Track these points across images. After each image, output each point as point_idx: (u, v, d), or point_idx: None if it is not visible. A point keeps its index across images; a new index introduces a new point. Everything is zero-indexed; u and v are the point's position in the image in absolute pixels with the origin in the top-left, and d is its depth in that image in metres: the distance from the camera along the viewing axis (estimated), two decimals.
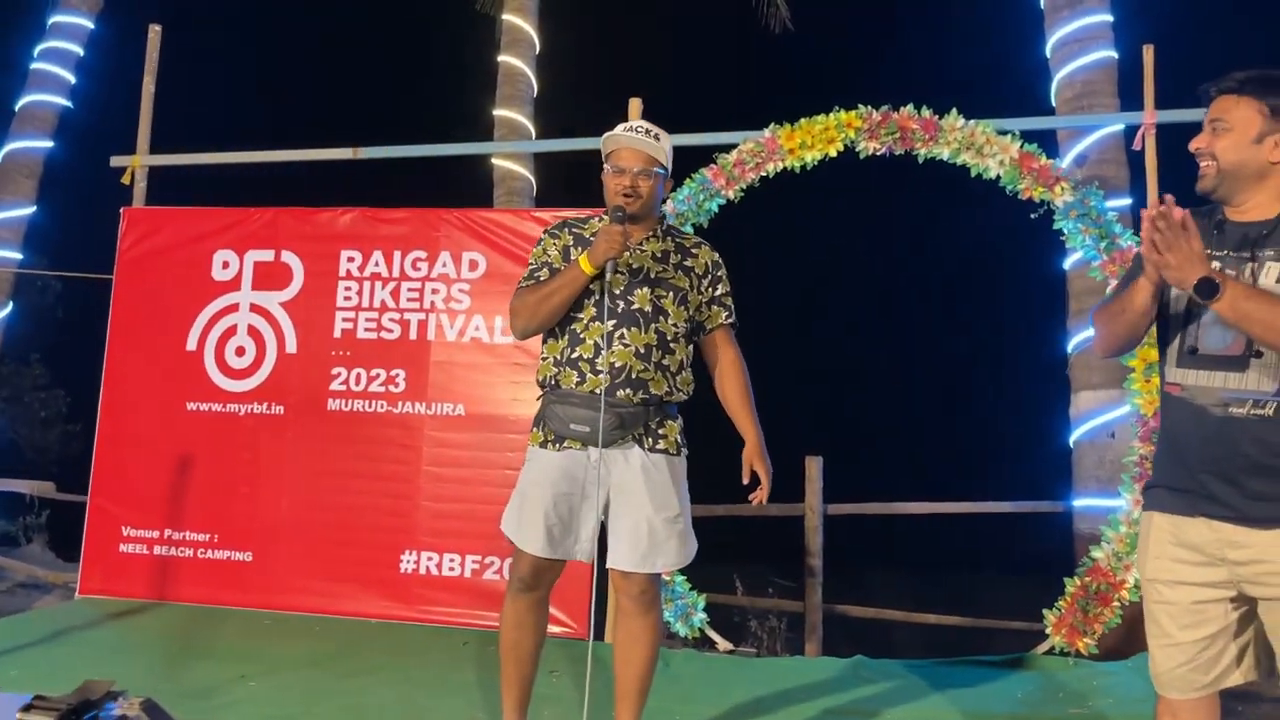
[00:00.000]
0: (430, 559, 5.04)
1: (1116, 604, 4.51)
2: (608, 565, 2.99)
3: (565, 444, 2.92)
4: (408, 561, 5.05)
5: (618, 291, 2.92)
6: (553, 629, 4.61)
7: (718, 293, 3.07)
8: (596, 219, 3.06)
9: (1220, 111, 2.31)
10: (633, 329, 2.90)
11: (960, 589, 6.23)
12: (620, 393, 2.86)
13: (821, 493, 5.96)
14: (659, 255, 2.99)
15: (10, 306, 6.97)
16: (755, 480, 2.98)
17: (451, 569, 5.01)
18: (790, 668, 4.57)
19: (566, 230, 3.07)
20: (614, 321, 2.90)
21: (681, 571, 4.91)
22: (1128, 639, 4.43)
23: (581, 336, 2.91)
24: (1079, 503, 5.32)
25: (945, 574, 6.86)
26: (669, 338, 2.94)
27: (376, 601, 5.02)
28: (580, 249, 2.94)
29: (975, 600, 6.00)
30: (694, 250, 3.07)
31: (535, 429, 3.02)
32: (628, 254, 2.93)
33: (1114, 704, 3.92)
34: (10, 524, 8.18)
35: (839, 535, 6.06)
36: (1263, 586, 2.20)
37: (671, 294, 2.96)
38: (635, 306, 2.91)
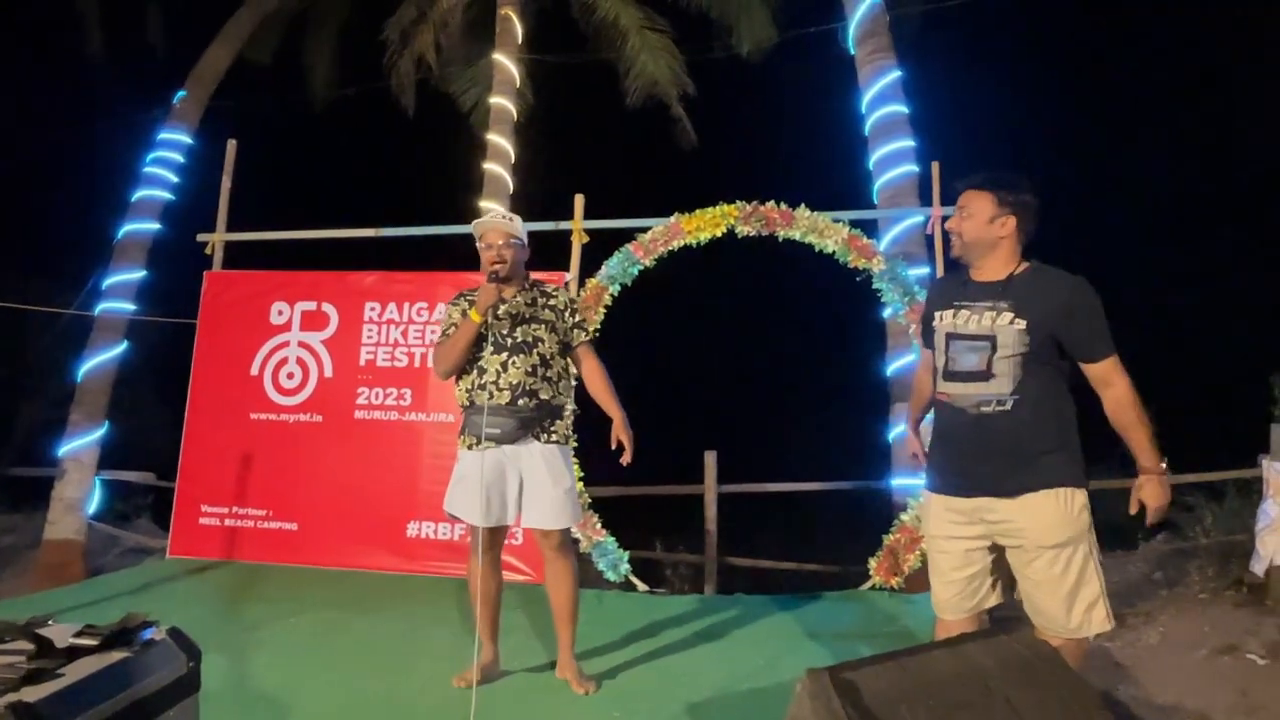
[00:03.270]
0: (429, 527, 4.97)
1: (918, 552, 4.58)
2: (527, 526, 2.98)
3: (484, 445, 2.91)
4: (412, 528, 4.98)
5: (504, 331, 2.95)
6: (517, 578, 4.59)
7: (576, 320, 3.10)
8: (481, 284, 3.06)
9: (965, 201, 2.39)
10: (520, 355, 2.93)
11: (813, 544, 6.26)
12: (519, 402, 2.90)
13: (716, 477, 5.98)
14: (529, 301, 3.03)
15: (125, 344, 6.82)
16: (621, 447, 3.00)
17: (444, 534, 4.94)
18: (690, 603, 4.56)
19: (463, 298, 3.08)
20: (506, 353, 2.93)
21: (613, 534, 4.89)
22: (923, 578, 4.49)
23: (484, 367, 2.92)
24: (895, 482, 5.38)
25: (803, 533, 6.90)
26: (547, 357, 2.98)
27: (389, 559, 4.94)
28: (471, 308, 2.94)
29: (824, 552, 6.02)
30: (554, 294, 3.12)
31: (461, 436, 3.01)
32: (505, 304, 2.96)
33: (915, 623, 3.98)
34: (124, 504, 7.90)
35: (730, 507, 6.07)
36: (1009, 539, 2.26)
37: (543, 326, 3.00)
38: (519, 339, 2.95)
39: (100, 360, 6.59)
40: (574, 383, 3.15)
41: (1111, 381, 2.23)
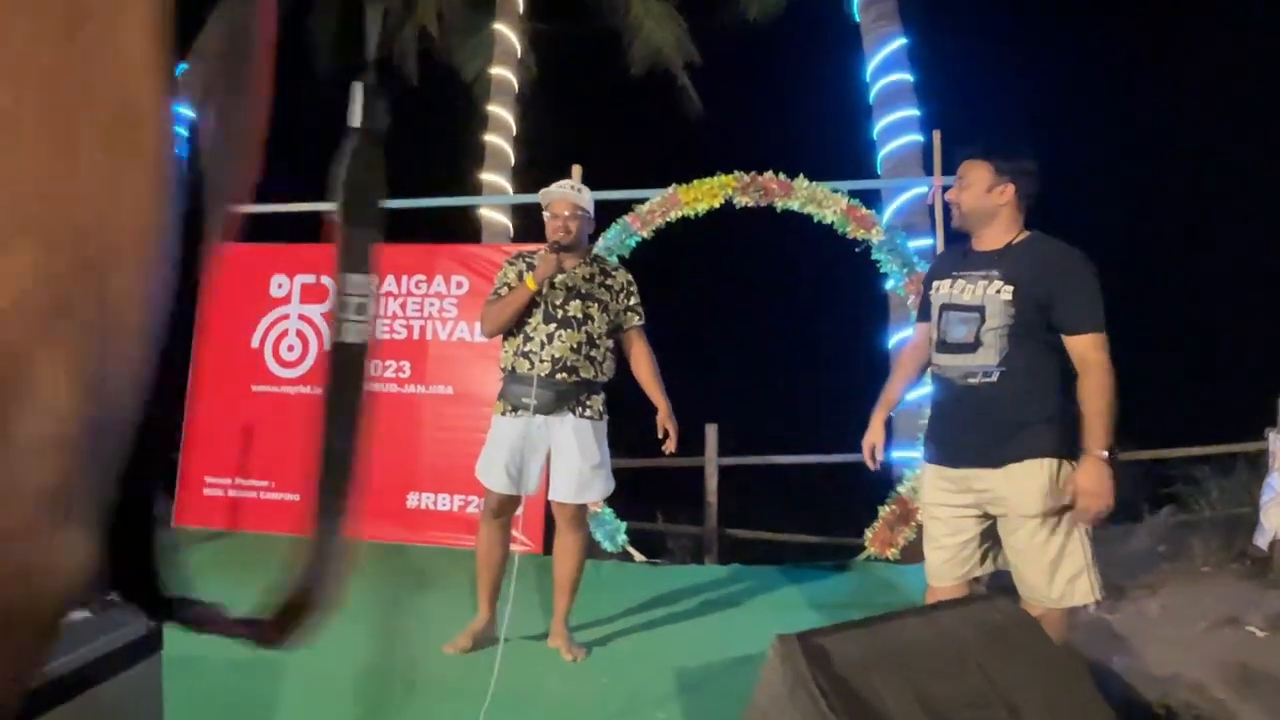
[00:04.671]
0: (429, 498, 5.00)
1: (914, 524, 4.57)
2: (549, 497, 3.00)
3: (518, 413, 2.92)
4: (413, 499, 5.01)
5: (557, 303, 2.94)
6: (518, 548, 4.62)
7: (631, 303, 3.08)
8: (542, 251, 3.06)
9: (963, 171, 2.37)
10: (567, 330, 2.91)
11: (812, 516, 6.26)
12: (559, 376, 2.90)
13: (716, 450, 5.99)
14: (587, 277, 3.01)
15: None
16: (666, 435, 3.01)
17: (444, 505, 4.98)
18: (688, 573, 4.58)
19: (521, 260, 3.07)
20: (554, 324, 2.92)
21: (611, 505, 4.91)
22: (919, 550, 4.47)
23: (530, 335, 2.92)
24: (895, 454, 5.37)
25: (803, 505, 6.90)
26: (594, 336, 2.96)
27: (390, 529, 4.96)
28: (529, 273, 2.94)
29: (823, 524, 6.03)
30: (613, 273, 3.10)
31: (498, 402, 3.02)
32: (563, 275, 2.94)
33: (909, 592, 3.98)
34: None
35: (731, 479, 6.08)
36: (997, 507, 2.25)
37: (596, 305, 2.97)
38: (569, 314, 2.93)
39: None
40: (614, 365, 3.08)
41: (1089, 361, 2.16)
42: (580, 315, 2.94)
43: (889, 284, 5.14)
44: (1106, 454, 2.10)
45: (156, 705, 1.17)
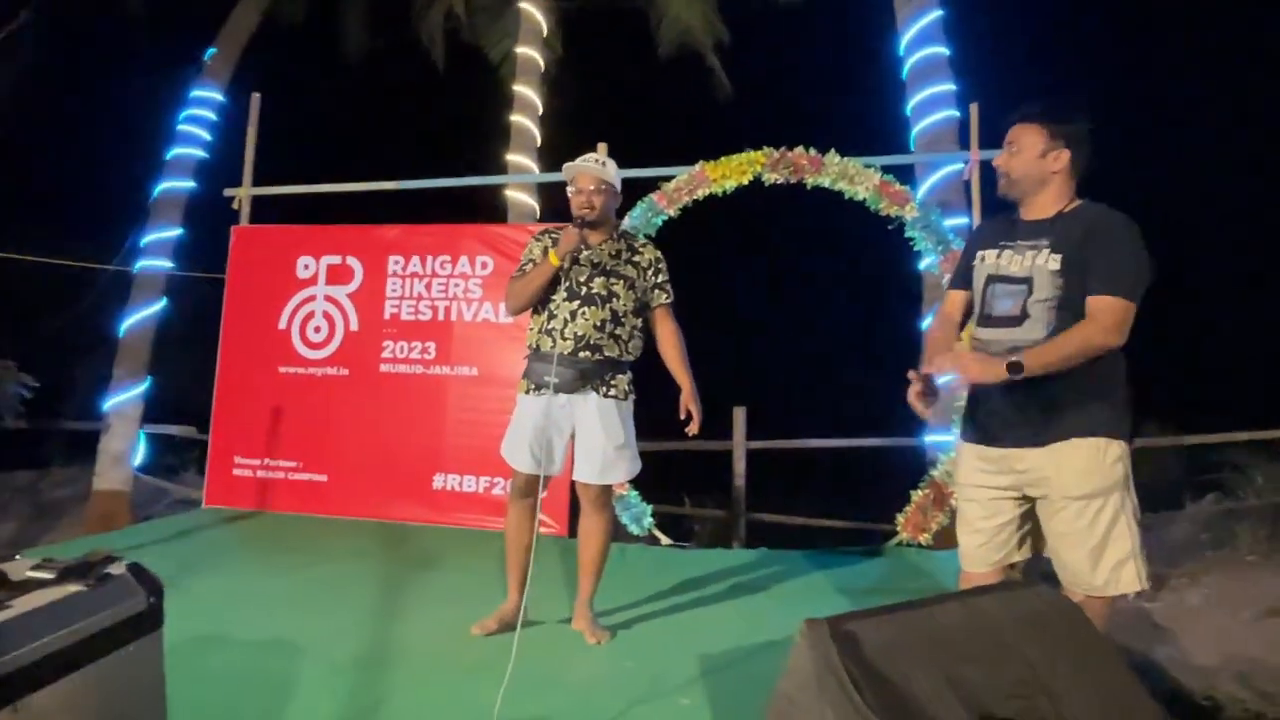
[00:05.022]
0: (455, 479, 4.99)
1: (947, 508, 4.46)
2: (573, 478, 2.95)
3: (542, 392, 2.87)
4: (438, 481, 5.00)
5: (581, 279, 2.87)
6: (543, 530, 4.58)
7: (659, 280, 3.00)
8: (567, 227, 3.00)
9: (1015, 136, 2.24)
10: (591, 307, 2.85)
11: (842, 501, 6.17)
12: (582, 354, 2.83)
13: (745, 433, 5.93)
14: (613, 253, 2.94)
15: (164, 301, 6.94)
16: (689, 417, 2.94)
17: (470, 487, 4.96)
18: (715, 557, 4.52)
19: (546, 236, 3.00)
20: (578, 301, 2.86)
21: (637, 488, 4.86)
22: (951, 535, 4.37)
23: (554, 313, 2.86)
24: (928, 438, 5.25)
25: (833, 489, 6.80)
26: (620, 314, 2.89)
27: (416, 510, 4.97)
28: (553, 248, 2.87)
29: (853, 509, 5.94)
30: (641, 249, 3.01)
31: (522, 380, 2.98)
32: (588, 251, 2.88)
33: (940, 579, 3.88)
34: (172, 458, 8.12)
35: (759, 463, 6.01)
36: (1037, 488, 2.16)
37: (622, 282, 2.90)
38: (594, 291, 2.86)
39: (140, 317, 6.72)
40: (640, 344, 3.02)
41: (1096, 317, 2.02)
42: (605, 292, 2.87)
43: (923, 263, 5.00)
44: (1011, 369, 1.99)
45: (159, 679, 1.13)
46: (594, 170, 2.88)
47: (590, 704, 2.41)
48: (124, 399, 6.61)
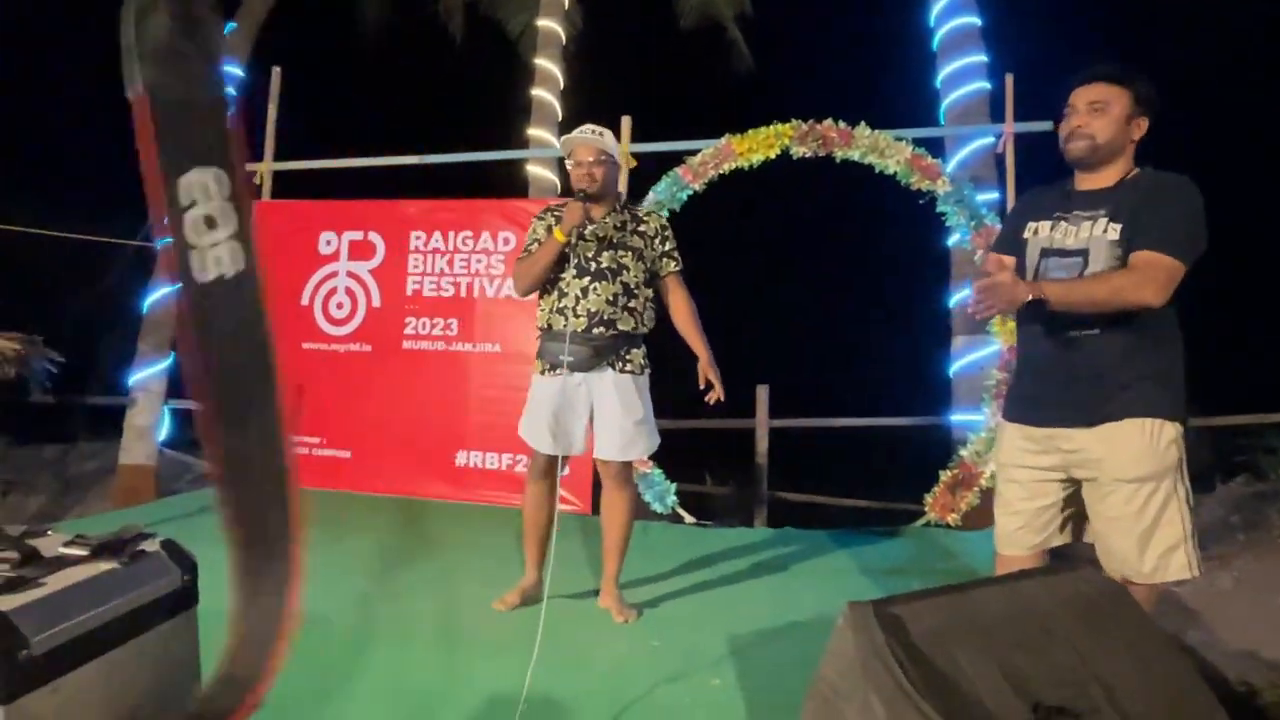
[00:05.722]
0: (477, 456, 4.97)
1: (976, 489, 4.40)
2: (594, 455, 2.92)
3: (557, 371, 2.83)
4: (461, 458, 4.99)
5: (589, 255, 2.82)
6: (565, 508, 4.57)
7: (666, 248, 2.95)
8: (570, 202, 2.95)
9: (1101, 95, 2.06)
10: (602, 282, 2.80)
11: (868, 480, 6.11)
12: (595, 330, 2.79)
13: (768, 411, 5.87)
14: (619, 225, 2.88)
15: None
16: (709, 386, 2.89)
17: (492, 464, 4.94)
18: (736, 535, 4.49)
19: (549, 214, 2.96)
20: (588, 278, 2.81)
21: (660, 466, 4.83)
22: (981, 516, 4.32)
23: (564, 290, 2.82)
24: (955, 418, 5.17)
25: (858, 469, 6.73)
26: (631, 286, 2.83)
27: (439, 487, 4.97)
28: (558, 225, 2.82)
29: (878, 488, 5.88)
30: (646, 219, 2.96)
31: (536, 361, 2.94)
32: (593, 226, 2.82)
33: (970, 561, 3.83)
34: (197, 433, 8.16)
35: (782, 442, 5.95)
36: (1084, 470, 2.08)
37: (630, 253, 2.85)
38: (603, 265, 2.81)
39: (164, 293, 6.73)
40: (654, 315, 2.97)
41: (1133, 270, 1.92)
42: (614, 266, 2.82)
43: (953, 239, 4.90)
44: (1038, 297, 1.91)
45: (194, 658, 1.10)
46: (592, 141, 2.83)
47: (618, 683, 2.39)
48: (148, 374, 6.64)
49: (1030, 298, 1.92)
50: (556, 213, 2.91)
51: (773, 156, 4.76)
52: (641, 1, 8.41)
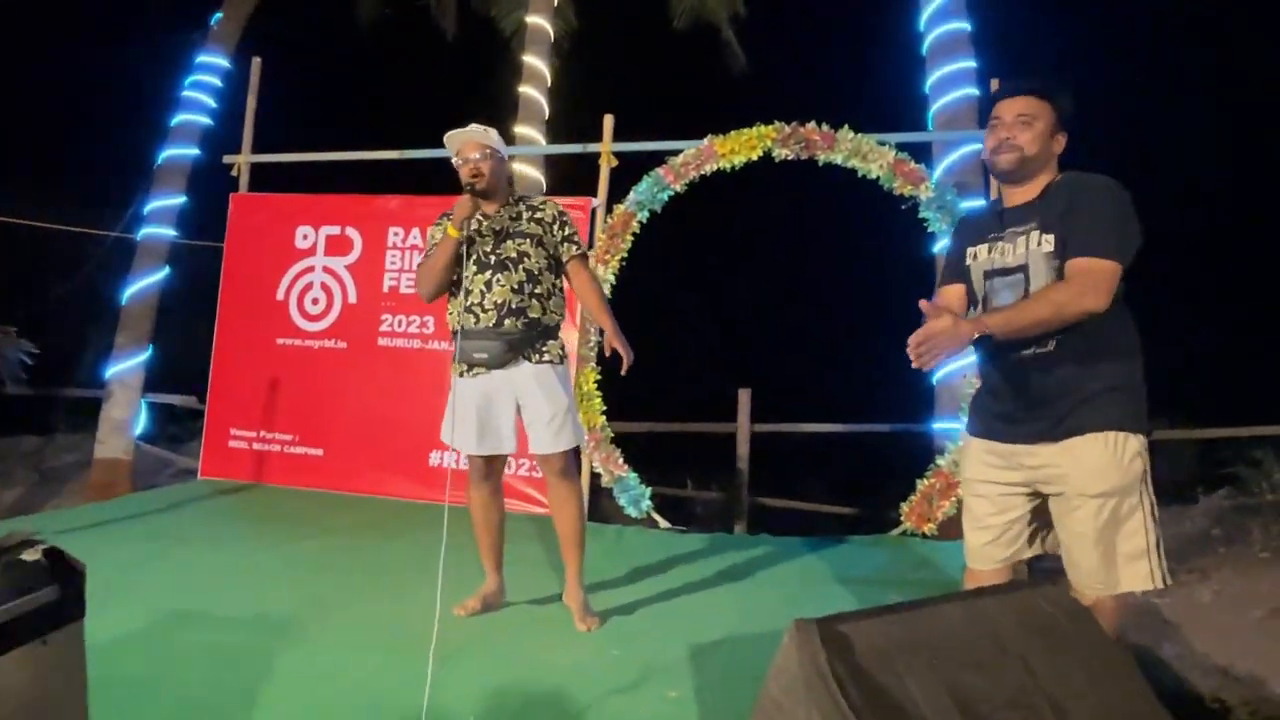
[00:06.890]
0: (451, 456, 4.86)
1: (953, 498, 4.34)
2: (530, 451, 2.87)
3: (475, 372, 2.78)
4: (435, 458, 4.92)
5: (487, 249, 2.79)
6: (535, 509, 4.50)
7: (566, 233, 2.92)
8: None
9: (1027, 108, 2.06)
10: (504, 272, 2.76)
11: (847, 487, 6.06)
12: (506, 322, 2.75)
13: (749, 415, 5.81)
14: (514, 216, 2.86)
15: (167, 270, 6.83)
16: (617, 356, 2.88)
17: (465, 464, 4.85)
18: (712, 541, 4.42)
19: (445, 218, 2.89)
20: (489, 270, 2.77)
21: (636, 469, 4.76)
22: (958, 525, 4.25)
23: (469, 288, 2.78)
24: (937, 425, 5.11)
25: (838, 475, 6.68)
26: (534, 273, 2.81)
27: (411, 486, 4.90)
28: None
29: (856, 495, 5.82)
30: (541, 207, 2.92)
31: (453, 364, 2.87)
32: (488, 220, 2.80)
33: (944, 571, 3.77)
34: (177, 428, 8.08)
35: (764, 447, 5.90)
36: (1050, 485, 2.03)
37: (529, 240, 2.82)
38: (504, 256, 2.78)
39: (143, 285, 6.64)
40: (563, 302, 2.97)
41: (1070, 281, 1.89)
42: (515, 254, 2.79)
43: (937, 245, 4.84)
44: (983, 333, 1.87)
45: (76, 679, 1.02)
46: (477, 137, 2.81)
47: (570, 692, 2.32)
48: (125, 367, 6.54)
49: (976, 335, 1.87)
50: (449, 215, 2.87)
51: (755, 158, 4.71)
52: (635, 1, 8.35)
